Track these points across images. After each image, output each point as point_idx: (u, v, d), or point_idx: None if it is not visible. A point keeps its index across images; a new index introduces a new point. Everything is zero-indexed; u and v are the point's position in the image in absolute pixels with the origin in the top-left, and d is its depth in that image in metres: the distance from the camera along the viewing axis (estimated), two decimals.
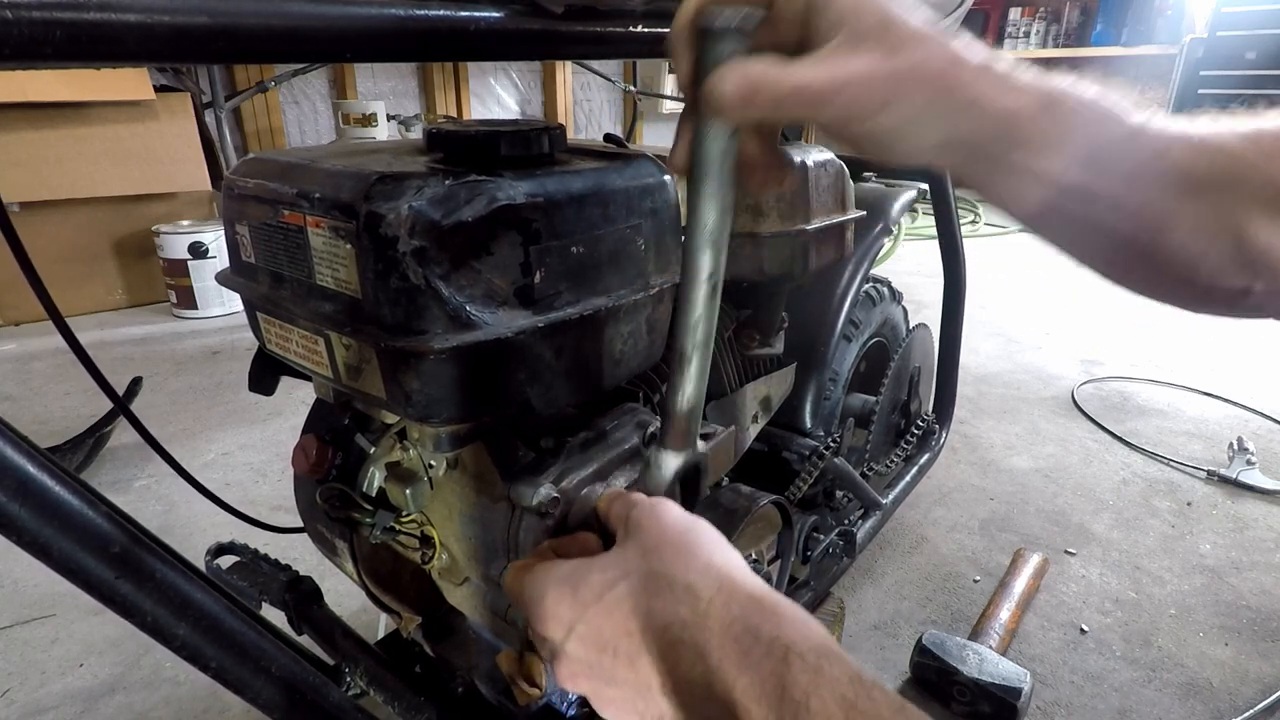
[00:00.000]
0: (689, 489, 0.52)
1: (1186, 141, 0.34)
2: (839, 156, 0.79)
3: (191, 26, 0.33)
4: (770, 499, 0.53)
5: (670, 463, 0.52)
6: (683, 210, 0.65)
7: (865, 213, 0.87)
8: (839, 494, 1.05)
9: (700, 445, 0.53)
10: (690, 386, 0.49)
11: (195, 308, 2.45)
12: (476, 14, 0.48)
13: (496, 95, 3.66)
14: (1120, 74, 4.74)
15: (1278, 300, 0.34)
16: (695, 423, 0.51)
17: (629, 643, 0.39)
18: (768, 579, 0.56)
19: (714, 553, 0.41)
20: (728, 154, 0.41)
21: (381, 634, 0.89)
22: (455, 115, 3.44)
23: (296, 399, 1.74)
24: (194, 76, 2.63)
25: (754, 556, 0.55)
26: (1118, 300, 2.64)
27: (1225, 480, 1.46)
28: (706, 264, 0.44)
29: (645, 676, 0.39)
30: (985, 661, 0.94)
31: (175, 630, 0.39)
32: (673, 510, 0.44)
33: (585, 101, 4.04)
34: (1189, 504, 1.41)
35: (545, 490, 0.57)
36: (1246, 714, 0.94)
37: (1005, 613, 1.08)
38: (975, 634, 1.04)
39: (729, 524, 0.50)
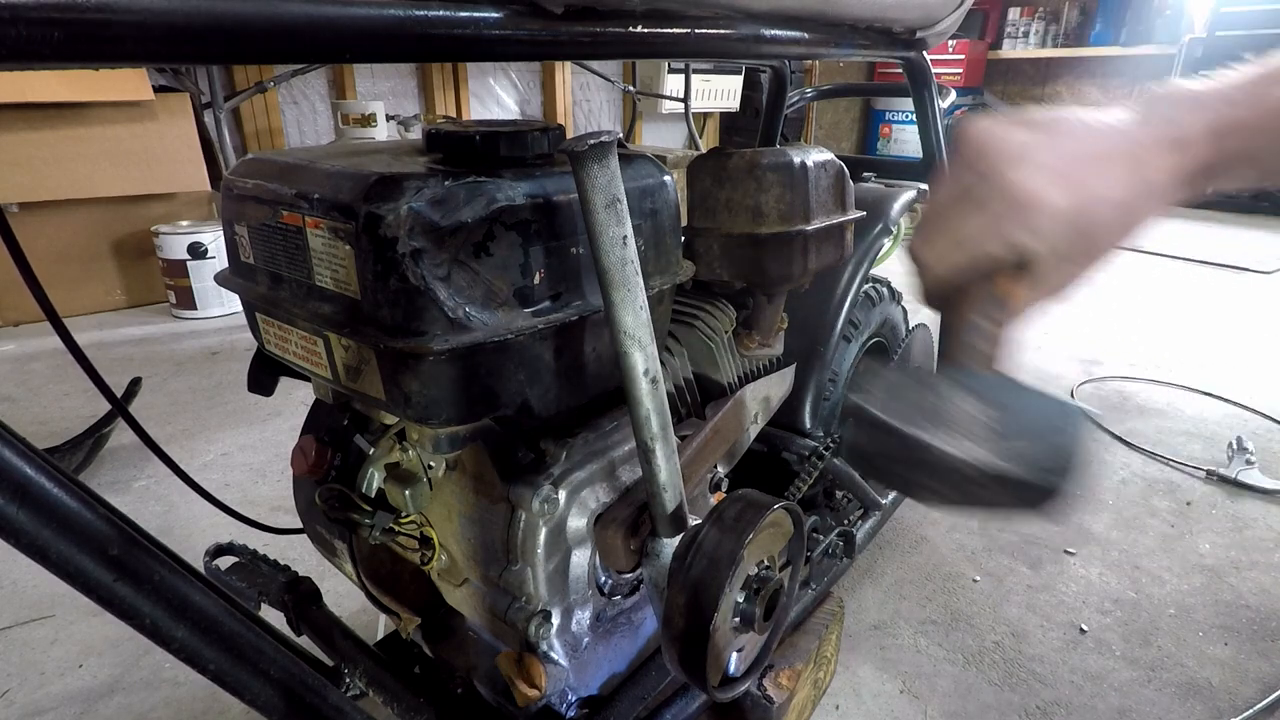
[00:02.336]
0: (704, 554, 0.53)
1: None
2: (839, 157, 0.79)
3: (191, 27, 0.33)
4: (782, 504, 0.53)
5: (667, 550, 0.54)
6: (682, 210, 0.65)
7: (865, 213, 0.87)
8: (839, 494, 1.05)
9: (692, 520, 0.55)
10: (663, 474, 0.52)
11: (194, 308, 2.45)
12: (476, 14, 0.48)
13: (496, 95, 3.66)
14: (1119, 74, 4.75)
15: None
16: (681, 504, 0.53)
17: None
18: (779, 585, 0.56)
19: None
20: (629, 258, 0.45)
21: (381, 635, 0.89)
22: (454, 116, 3.44)
23: (296, 399, 1.74)
24: (193, 77, 2.62)
25: (765, 563, 0.56)
26: (1117, 300, 2.64)
27: (1224, 480, 1.46)
28: (639, 361, 0.48)
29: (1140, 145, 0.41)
30: None
31: (174, 632, 0.39)
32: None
33: (585, 102, 4.03)
34: (1188, 504, 1.41)
35: (545, 491, 0.57)
36: (1246, 713, 0.94)
37: None
38: None
39: (740, 534, 0.50)
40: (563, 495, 0.58)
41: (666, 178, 0.59)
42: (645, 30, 0.55)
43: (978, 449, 0.36)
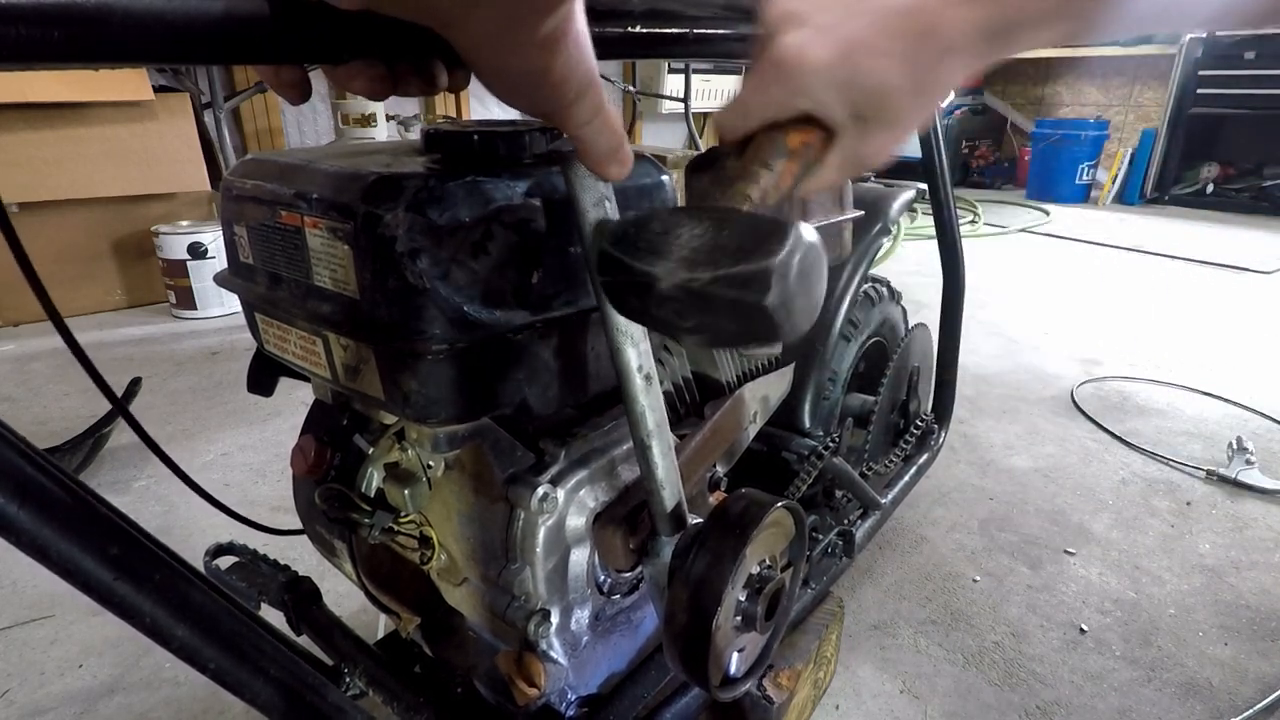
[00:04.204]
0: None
1: None
2: None
3: (191, 27, 0.33)
4: (784, 503, 0.54)
5: (667, 548, 0.54)
6: None
7: (864, 213, 0.87)
8: (838, 494, 1.05)
9: (691, 519, 0.55)
10: (660, 472, 0.52)
11: (194, 308, 2.45)
12: None
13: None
14: (1119, 74, 4.75)
15: None
16: (680, 502, 0.53)
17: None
18: (781, 586, 0.56)
19: None
20: None
21: (380, 634, 0.89)
22: (454, 116, 3.44)
23: (295, 399, 1.74)
24: (193, 77, 2.63)
25: (767, 562, 0.56)
26: (1117, 300, 2.64)
27: (1224, 480, 1.46)
28: (632, 358, 0.48)
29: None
30: None
31: (174, 632, 0.39)
32: None
33: None
34: (1188, 504, 1.41)
35: (544, 490, 0.57)
36: (1246, 714, 0.94)
37: None
38: None
39: (744, 531, 0.50)
40: (561, 494, 0.58)
41: (665, 177, 0.59)
42: (645, 30, 0.55)
43: (682, 269, 0.36)
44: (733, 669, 0.56)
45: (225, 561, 0.82)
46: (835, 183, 0.45)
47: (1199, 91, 4.23)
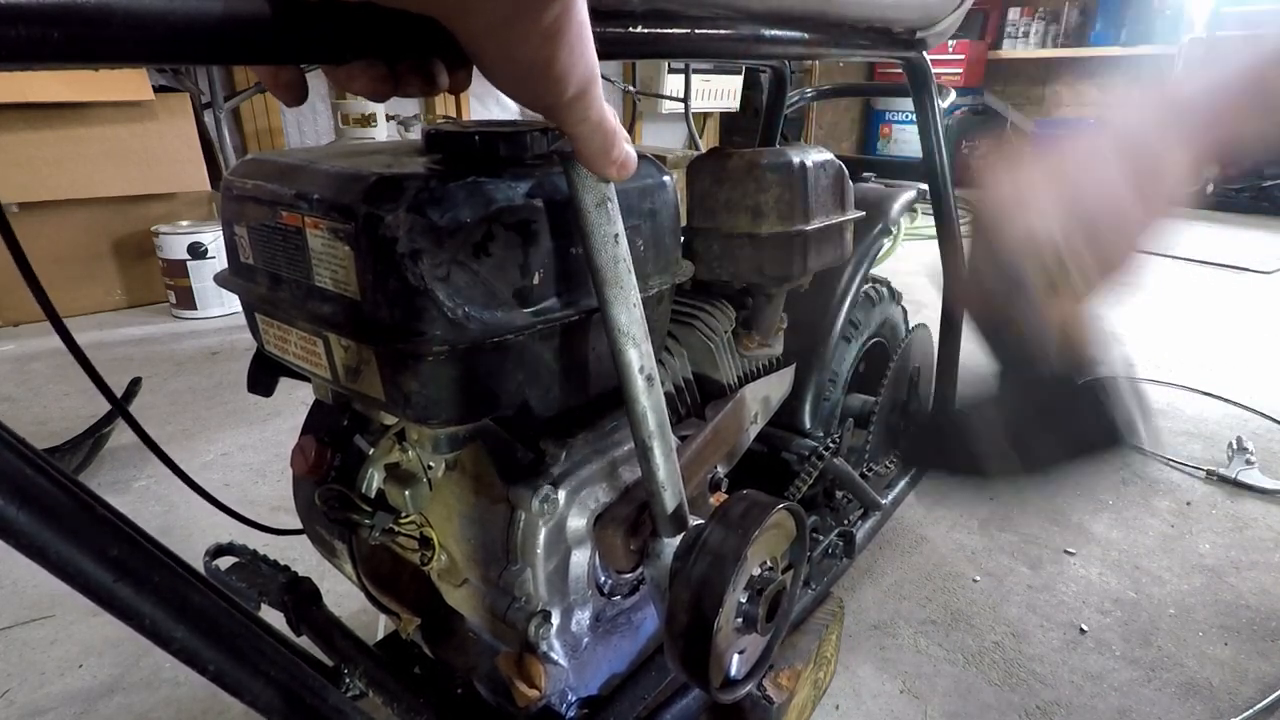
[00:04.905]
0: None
1: None
2: (839, 157, 0.79)
3: (191, 27, 0.33)
4: (785, 505, 0.54)
5: (668, 550, 0.54)
6: (682, 211, 0.65)
7: (865, 213, 0.87)
8: (838, 494, 1.05)
9: (692, 520, 0.55)
10: (661, 472, 0.52)
11: (194, 308, 2.45)
12: None
13: (496, 96, 3.65)
14: (1119, 74, 4.74)
15: None
16: (681, 503, 0.53)
17: None
18: (782, 588, 0.56)
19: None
20: (620, 256, 0.47)
21: (381, 635, 0.89)
22: (454, 116, 3.44)
23: (296, 399, 1.74)
24: (193, 77, 2.62)
25: (768, 564, 0.56)
26: (1117, 300, 2.64)
27: (1224, 480, 1.46)
28: (634, 359, 0.49)
29: None
30: None
31: (173, 633, 0.38)
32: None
33: None
34: (1188, 504, 1.41)
35: (545, 491, 0.57)
36: (1246, 713, 0.94)
37: None
38: None
39: (745, 532, 0.50)
40: (562, 495, 0.58)
41: (666, 178, 0.59)
42: (645, 30, 0.55)
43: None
44: (733, 670, 0.56)
45: (225, 562, 0.82)
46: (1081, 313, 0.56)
47: None
